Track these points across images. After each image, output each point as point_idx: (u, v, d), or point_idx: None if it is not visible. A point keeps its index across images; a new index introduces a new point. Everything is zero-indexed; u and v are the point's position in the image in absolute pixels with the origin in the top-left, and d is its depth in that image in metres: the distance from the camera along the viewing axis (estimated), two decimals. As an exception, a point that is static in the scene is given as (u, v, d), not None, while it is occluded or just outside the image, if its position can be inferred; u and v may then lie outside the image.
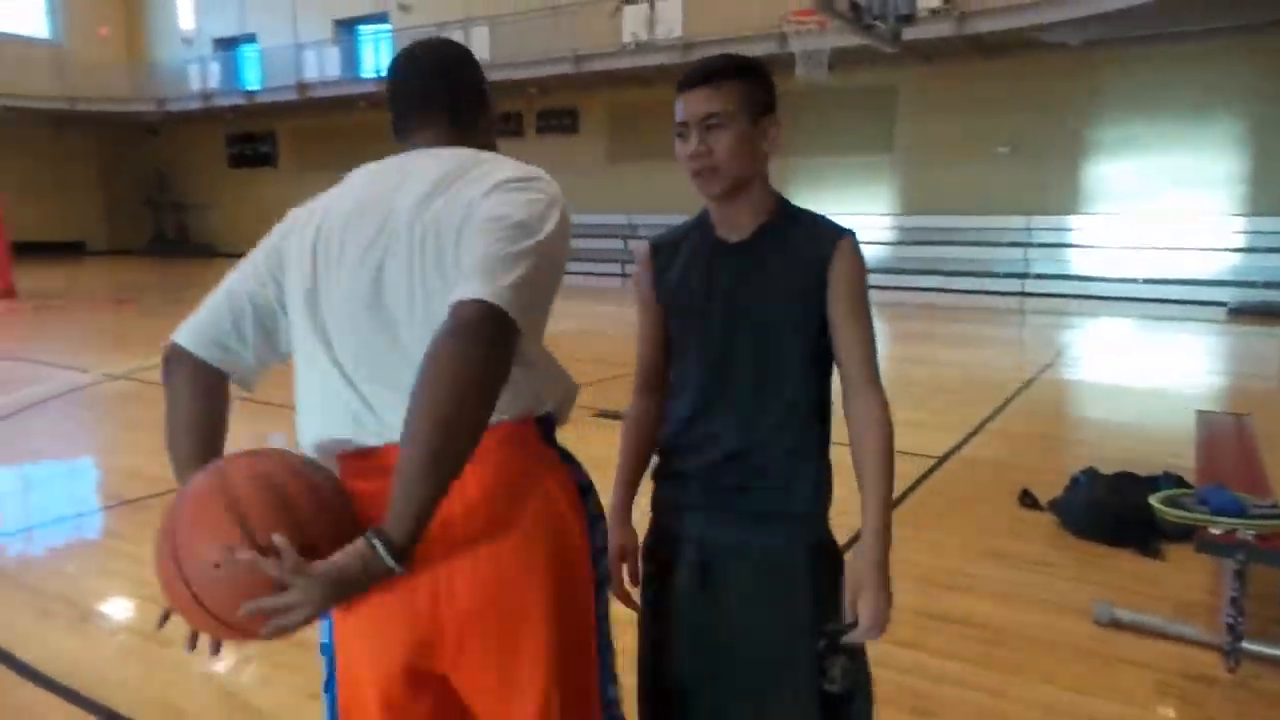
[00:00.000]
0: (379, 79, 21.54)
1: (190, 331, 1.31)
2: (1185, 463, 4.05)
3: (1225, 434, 3.80)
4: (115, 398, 6.92)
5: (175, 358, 1.31)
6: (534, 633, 1.23)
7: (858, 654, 1.48)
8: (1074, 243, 16.06)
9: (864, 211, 17.86)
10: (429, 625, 1.20)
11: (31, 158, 26.88)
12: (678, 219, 1.83)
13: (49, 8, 27.04)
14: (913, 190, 17.53)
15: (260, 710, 2.49)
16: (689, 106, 1.49)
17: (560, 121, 21.06)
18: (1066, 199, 16.08)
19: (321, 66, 22.08)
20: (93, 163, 28.88)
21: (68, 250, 25.86)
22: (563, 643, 1.25)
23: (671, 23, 16.56)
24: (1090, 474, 4.18)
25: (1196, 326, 12.56)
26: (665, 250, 1.63)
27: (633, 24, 17.12)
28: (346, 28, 24.12)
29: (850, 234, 1.57)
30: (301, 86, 22.44)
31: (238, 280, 1.35)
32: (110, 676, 2.64)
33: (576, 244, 19.10)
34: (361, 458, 1.24)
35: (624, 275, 19.58)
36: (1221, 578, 3.13)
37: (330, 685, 1.32)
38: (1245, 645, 2.72)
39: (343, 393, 1.24)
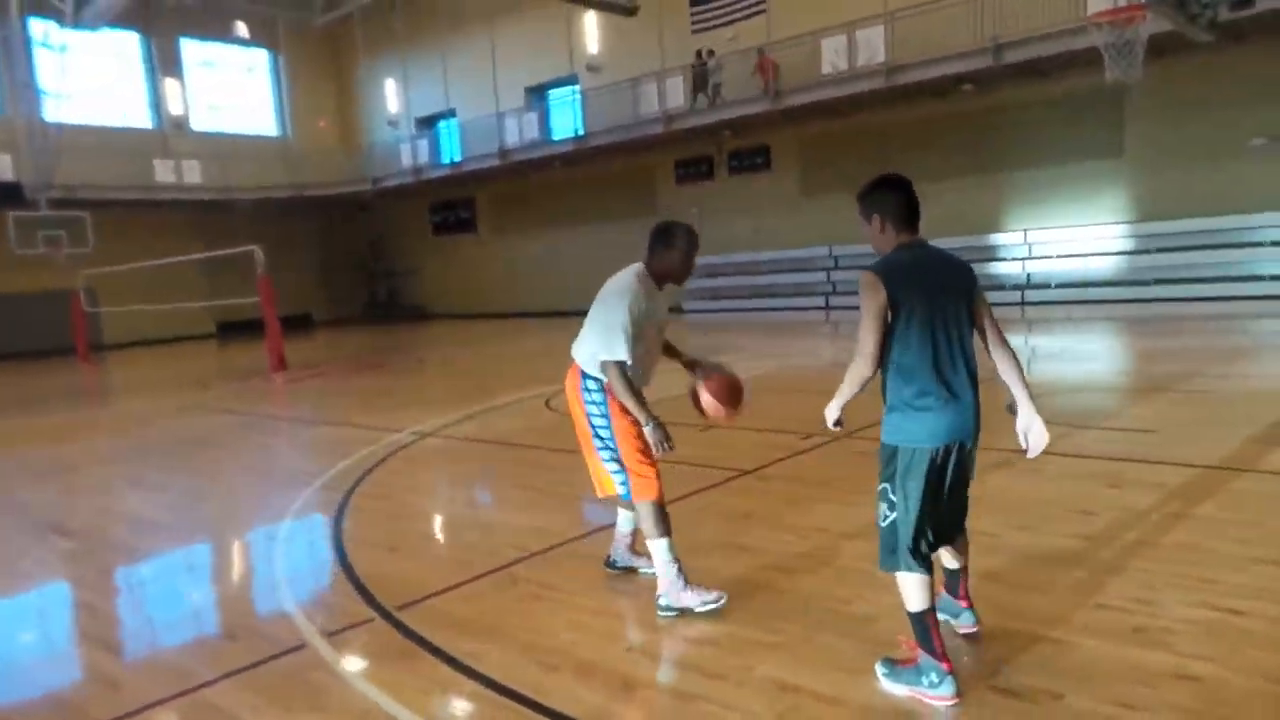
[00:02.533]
0: (574, 138, 22.52)
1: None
2: None
3: None
4: (437, 453, 7.36)
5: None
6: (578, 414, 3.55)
7: None
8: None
9: (1093, 222, 16.73)
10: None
11: (267, 241, 29.95)
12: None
13: (276, 108, 30.26)
14: (1148, 195, 16.22)
15: None
16: None
17: (752, 160, 21.15)
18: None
19: (520, 132, 23.31)
20: (314, 241, 31.82)
21: (299, 323, 28.43)
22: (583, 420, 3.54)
23: (874, 49, 16.28)
24: None
25: None
26: None
27: (830, 54, 16.97)
28: (538, 94, 25.46)
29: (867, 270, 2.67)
30: (504, 152, 23.76)
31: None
32: None
33: (778, 279, 19.17)
34: None
35: (828, 308, 19.24)
36: None
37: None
38: None
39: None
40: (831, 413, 2.81)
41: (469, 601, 3.83)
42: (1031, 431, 2.81)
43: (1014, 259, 17.56)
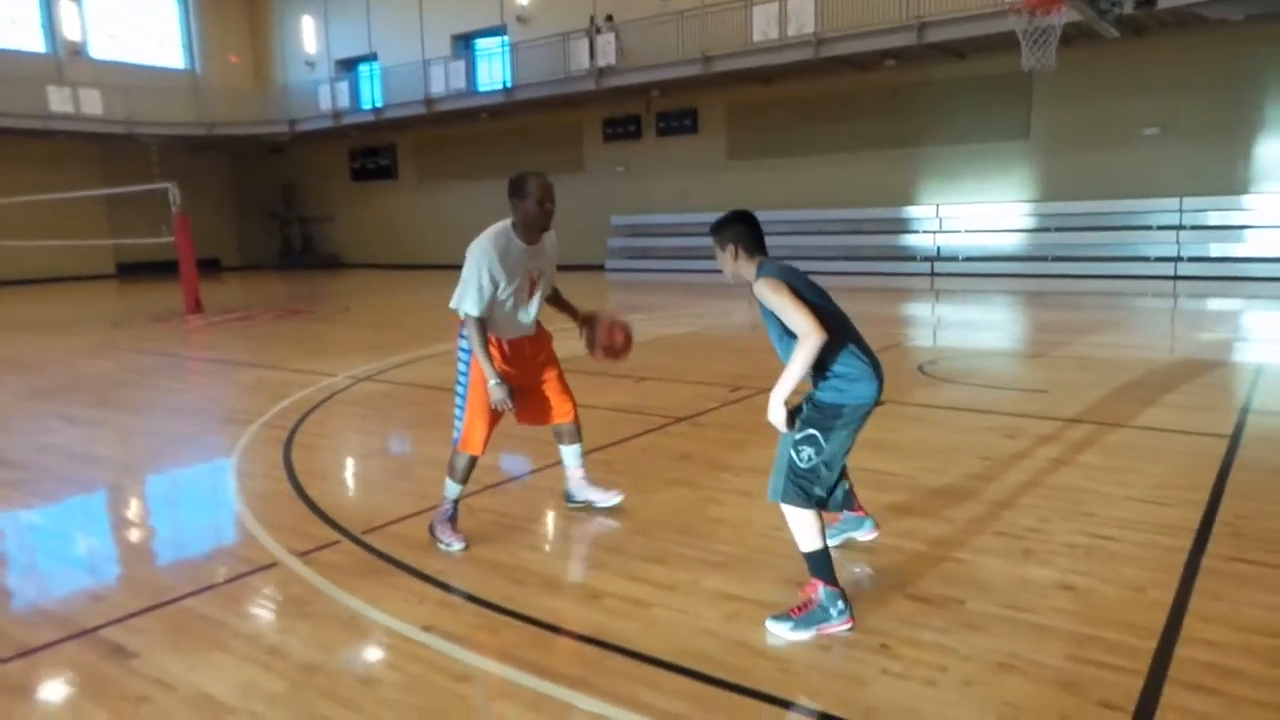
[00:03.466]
0: (503, 90, 22.27)
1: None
2: None
3: None
4: (377, 396, 7.48)
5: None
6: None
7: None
8: (1234, 224, 15.55)
9: (1000, 200, 17.68)
10: None
11: (173, 180, 28.60)
12: (799, 214, 2.94)
13: (184, 40, 28.72)
14: (1049, 176, 17.24)
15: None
16: None
17: (680, 122, 21.38)
18: (1222, 179, 15.59)
19: (446, 81, 22.88)
20: (224, 182, 30.55)
21: (207, 267, 27.37)
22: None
23: (804, 19, 16.67)
24: None
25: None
26: None
27: (762, 23, 17.29)
28: (465, 42, 24.96)
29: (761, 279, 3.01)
30: (429, 101, 23.29)
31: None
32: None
33: (702, 241, 19.57)
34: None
35: (748, 272, 19.78)
36: None
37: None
38: None
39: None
40: (778, 412, 2.91)
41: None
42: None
43: (925, 231, 18.42)
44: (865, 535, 3.60)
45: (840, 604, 2.90)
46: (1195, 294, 13.76)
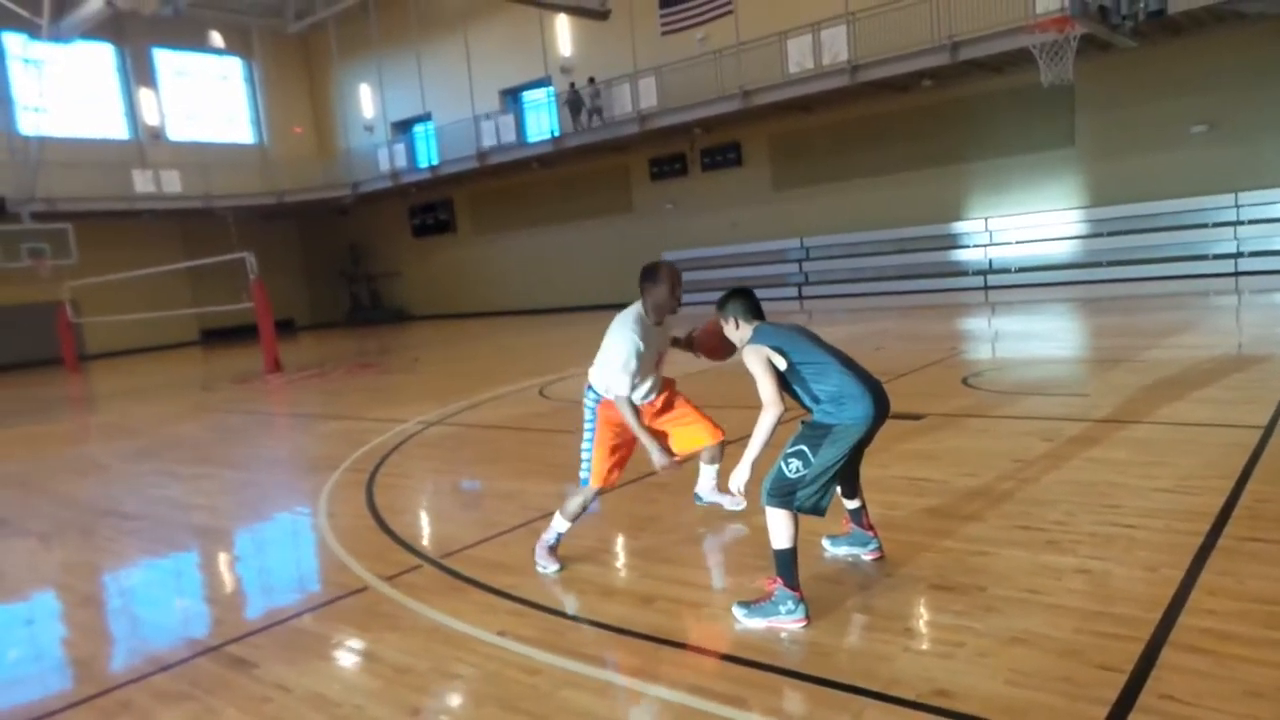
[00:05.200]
0: (550, 139, 23.16)
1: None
2: None
3: None
4: (446, 438, 8.02)
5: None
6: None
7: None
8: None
9: (1050, 208, 17.65)
10: None
11: (248, 248, 30.31)
12: (848, 238, 3.25)
13: (252, 116, 30.58)
14: (1098, 182, 17.16)
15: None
16: None
17: (724, 156, 21.89)
18: (1276, 171, 15.33)
19: (498, 134, 23.88)
20: (294, 246, 32.19)
21: (282, 328, 28.81)
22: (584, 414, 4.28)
23: (837, 48, 17.07)
24: None
25: None
26: None
27: (797, 54, 17.74)
28: (513, 96, 26.04)
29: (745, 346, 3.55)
30: (481, 154, 24.32)
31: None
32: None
33: (753, 271, 19.97)
34: None
35: (801, 298, 20.06)
36: None
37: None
38: None
39: None
40: (741, 475, 3.37)
41: (500, 549, 4.51)
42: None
43: (976, 245, 18.44)
44: (867, 554, 3.82)
45: (791, 604, 3.21)
46: (1259, 289, 13.52)
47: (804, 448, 3.32)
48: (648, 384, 4.16)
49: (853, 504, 3.82)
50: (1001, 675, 2.71)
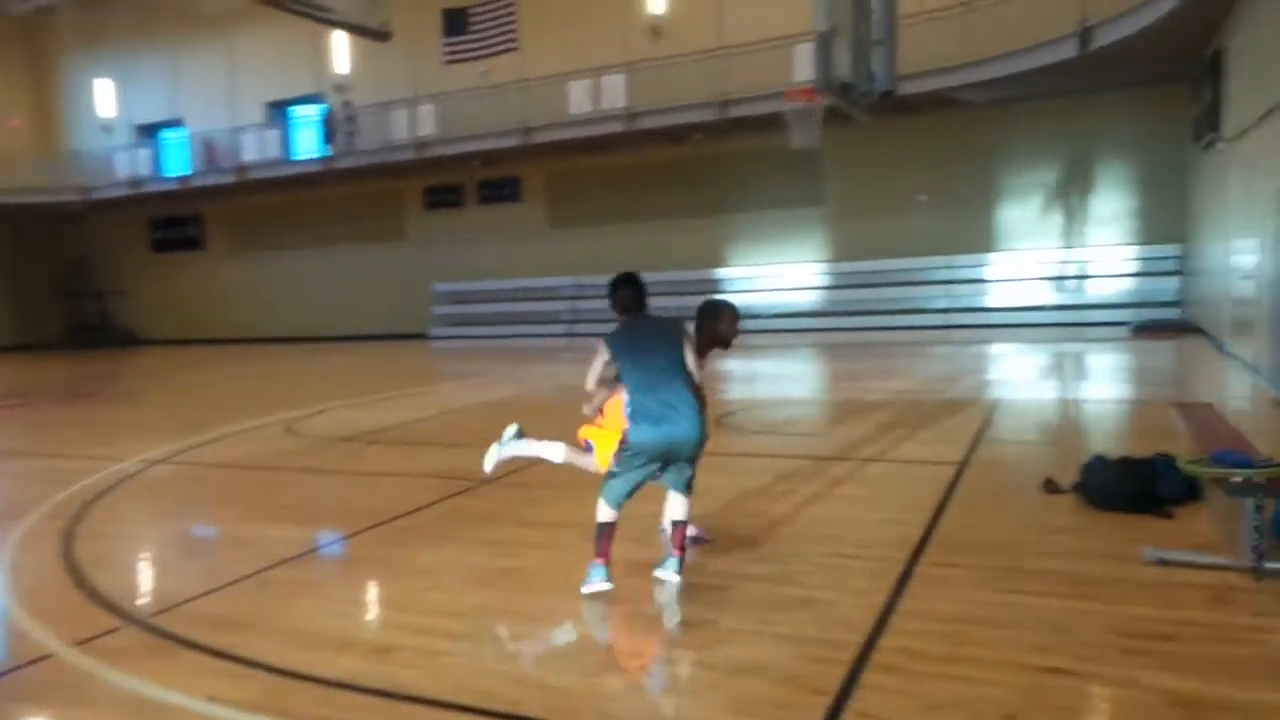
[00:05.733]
0: (321, 159, 22.00)
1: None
2: (1156, 445, 5.05)
3: (1206, 416, 4.84)
4: (172, 478, 7.21)
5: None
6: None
7: None
8: (990, 278, 17.73)
9: (803, 260, 19.26)
10: None
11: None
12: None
13: (-45, 102, 26.44)
14: (845, 238, 19.02)
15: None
16: None
17: (501, 190, 21.89)
18: (980, 239, 17.80)
19: (261, 149, 22.34)
20: (3, 255, 28.00)
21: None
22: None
23: (616, 95, 17.72)
24: (1101, 460, 5.14)
25: (1103, 345, 14.17)
26: None
27: (578, 97, 18.20)
28: (280, 110, 24.48)
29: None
30: (240, 169, 22.60)
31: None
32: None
33: (525, 307, 20.18)
34: None
35: (570, 335, 20.32)
36: (1220, 526, 4.09)
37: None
38: (1267, 565, 3.64)
39: None
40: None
41: (226, 603, 4.08)
42: None
43: (737, 291, 19.69)
44: (663, 573, 3.93)
45: (596, 574, 3.75)
46: (963, 341, 15.53)
47: (618, 454, 3.84)
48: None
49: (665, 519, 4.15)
50: (727, 706, 2.82)
